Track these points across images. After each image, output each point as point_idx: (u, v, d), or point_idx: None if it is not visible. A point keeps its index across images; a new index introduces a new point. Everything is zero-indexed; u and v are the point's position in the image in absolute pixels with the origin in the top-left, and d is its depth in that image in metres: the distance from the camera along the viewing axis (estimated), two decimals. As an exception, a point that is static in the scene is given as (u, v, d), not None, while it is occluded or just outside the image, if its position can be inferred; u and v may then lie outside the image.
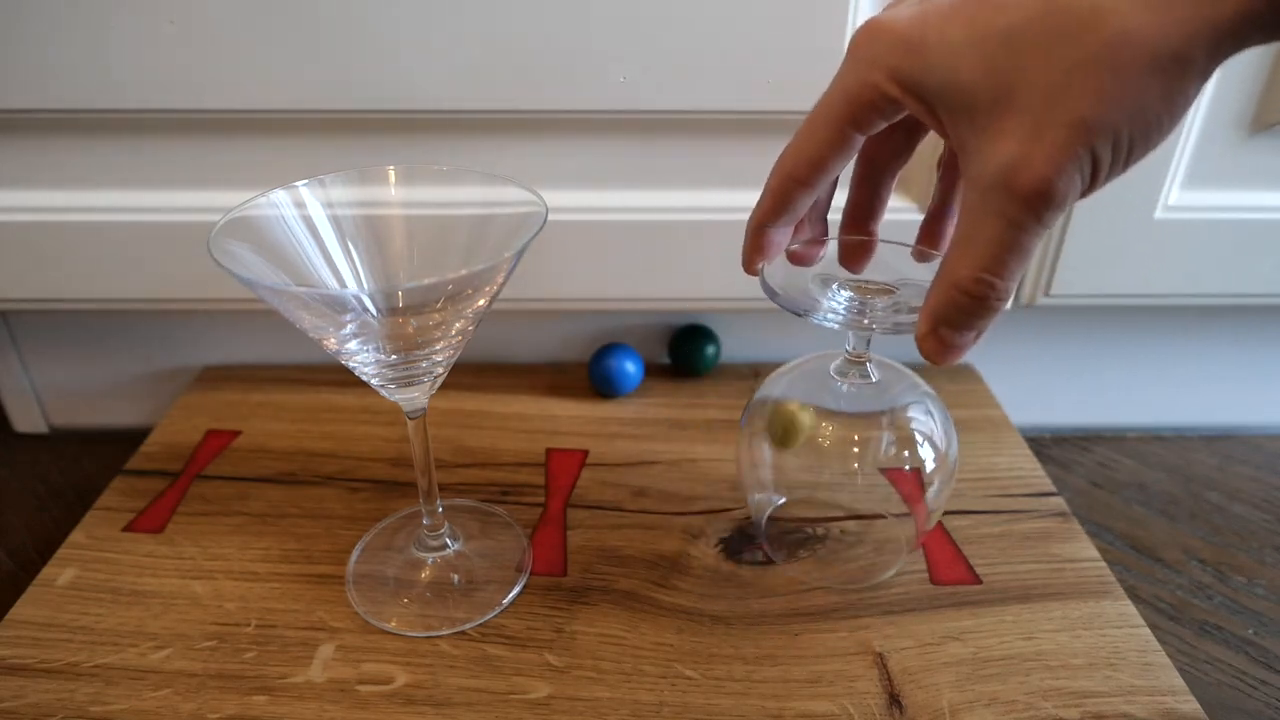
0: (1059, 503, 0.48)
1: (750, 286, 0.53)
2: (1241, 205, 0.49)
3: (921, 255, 0.35)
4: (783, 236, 0.32)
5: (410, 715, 0.36)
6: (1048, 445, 0.60)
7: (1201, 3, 0.22)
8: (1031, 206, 0.24)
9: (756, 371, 0.60)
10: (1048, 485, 0.49)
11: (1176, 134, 0.46)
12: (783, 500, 0.45)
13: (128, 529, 0.46)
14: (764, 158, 0.32)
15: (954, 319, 0.27)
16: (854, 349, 0.39)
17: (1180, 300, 0.52)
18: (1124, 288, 0.52)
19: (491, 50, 0.44)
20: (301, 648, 0.39)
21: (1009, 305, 0.53)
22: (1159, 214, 0.49)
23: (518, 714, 0.36)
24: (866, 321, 0.33)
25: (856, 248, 0.36)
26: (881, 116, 0.28)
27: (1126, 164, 0.24)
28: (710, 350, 0.58)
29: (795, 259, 0.35)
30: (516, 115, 0.47)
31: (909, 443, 0.40)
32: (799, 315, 0.33)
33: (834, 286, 0.36)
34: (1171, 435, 0.62)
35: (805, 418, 0.40)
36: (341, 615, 0.40)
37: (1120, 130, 0.23)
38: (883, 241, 0.36)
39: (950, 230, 0.34)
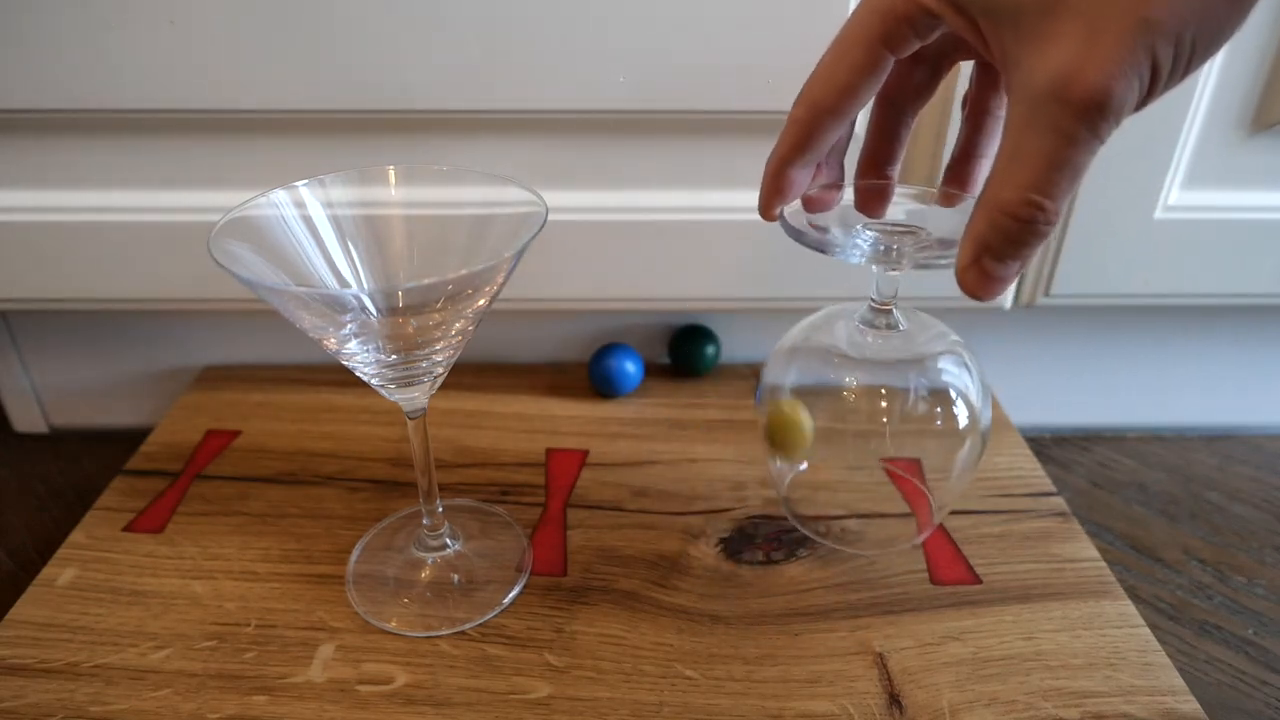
0: (1059, 503, 0.48)
1: (750, 286, 0.52)
2: (1241, 205, 0.49)
3: (947, 198, 0.34)
4: (804, 177, 0.31)
5: (410, 715, 0.36)
6: (1048, 445, 0.60)
7: None
8: (1086, 117, 0.23)
9: (756, 372, 0.60)
10: (1048, 485, 0.49)
11: (1176, 134, 0.46)
12: (804, 466, 0.43)
13: (128, 529, 0.46)
14: (764, 158, 0.31)
15: (998, 247, 0.26)
16: (880, 297, 0.37)
17: (1180, 300, 0.52)
18: (1124, 288, 0.52)
19: (491, 50, 0.44)
20: (301, 648, 0.39)
21: (1009, 303, 0.53)
22: (1159, 214, 0.49)
23: (518, 714, 0.36)
24: (894, 257, 0.32)
25: (875, 192, 0.34)
26: (915, 34, 0.26)
27: (1186, 71, 0.23)
28: (710, 350, 0.58)
29: (810, 204, 0.33)
30: (516, 115, 0.47)
31: (942, 398, 0.37)
32: (825, 254, 0.31)
33: (857, 227, 0.34)
34: (1171, 435, 0.62)
35: (803, 420, 0.40)
36: (341, 615, 0.40)
37: (1184, 31, 0.22)
38: (901, 185, 0.34)
39: (980, 172, 0.33)
